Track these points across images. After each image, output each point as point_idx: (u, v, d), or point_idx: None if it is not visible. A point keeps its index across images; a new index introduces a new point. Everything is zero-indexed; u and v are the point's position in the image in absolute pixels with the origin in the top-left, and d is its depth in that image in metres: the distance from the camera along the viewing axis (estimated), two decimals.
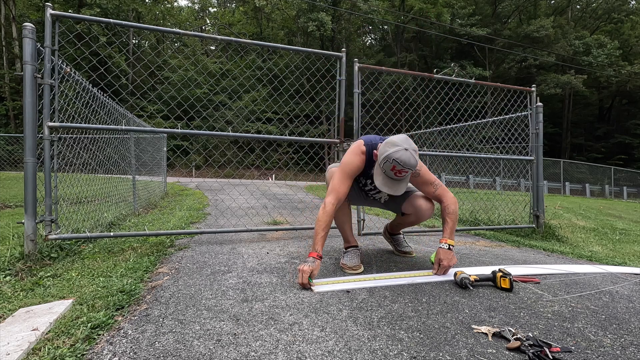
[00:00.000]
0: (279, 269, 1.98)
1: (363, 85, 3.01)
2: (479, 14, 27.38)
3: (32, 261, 2.03)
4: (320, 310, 1.41)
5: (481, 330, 1.25)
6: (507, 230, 3.67)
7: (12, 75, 19.23)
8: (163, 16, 28.63)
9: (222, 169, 12.93)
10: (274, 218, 3.99)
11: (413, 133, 7.05)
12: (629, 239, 4.35)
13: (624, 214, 8.28)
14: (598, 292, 1.74)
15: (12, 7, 20.18)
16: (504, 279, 1.70)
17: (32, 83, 2.06)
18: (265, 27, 30.94)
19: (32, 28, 2.06)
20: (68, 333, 1.18)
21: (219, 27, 31.25)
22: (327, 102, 17.63)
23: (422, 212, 2.05)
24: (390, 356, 1.07)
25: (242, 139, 3.82)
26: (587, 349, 1.15)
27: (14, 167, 11.71)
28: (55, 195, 2.25)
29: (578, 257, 2.67)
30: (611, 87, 28.56)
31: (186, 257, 2.23)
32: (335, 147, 2.98)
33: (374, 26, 31.60)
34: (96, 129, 2.66)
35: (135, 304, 1.45)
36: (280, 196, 7.20)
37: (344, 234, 2.11)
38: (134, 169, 4.75)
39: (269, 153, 17.05)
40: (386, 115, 3.80)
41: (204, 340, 1.15)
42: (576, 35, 26.49)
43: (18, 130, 18.50)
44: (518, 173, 4.16)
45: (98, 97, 3.20)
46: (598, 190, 19.37)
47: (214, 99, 7.81)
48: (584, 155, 27.65)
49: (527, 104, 3.69)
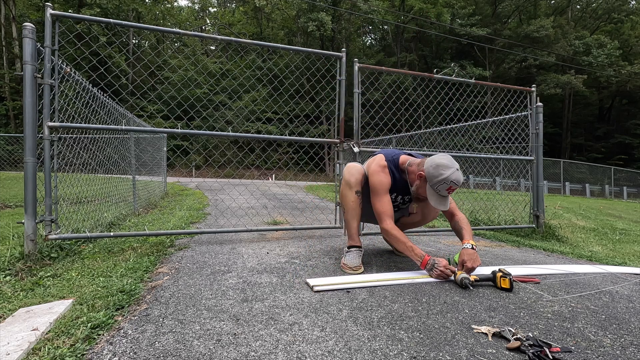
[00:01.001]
0: (279, 269, 1.98)
1: (363, 85, 3.01)
2: (479, 14, 27.38)
3: (32, 261, 2.03)
4: (320, 310, 1.41)
5: (481, 330, 1.25)
6: (507, 230, 3.67)
7: (12, 75, 19.23)
8: (163, 16, 28.64)
9: (222, 169, 12.93)
10: (274, 218, 3.99)
11: (413, 133, 7.05)
12: (629, 239, 4.36)
13: (624, 214, 8.28)
14: (598, 292, 1.74)
15: (12, 7, 20.18)
16: (504, 279, 1.70)
17: (32, 83, 2.06)
18: (265, 27, 30.95)
19: (32, 28, 2.06)
20: (68, 333, 1.18)
21: (219, 27, 31.25)
22: (327, 102, 17.65)
23: (429, 212, 2.20)
24: (390, 356, 1.07)
25: (242, 139, 3.83)
26: (587, 349, 1.15)
27: (14, 167, 11.71)
28: (55, 195, 2.25)
29: (578, 257, 2.67)
30: (611, 87, 28.56)
31: (186, 257, 2.23)
32: (335, 147, 2.98)
33: (374, 26, 31.60)
34: (96, 129, 2.66)
35: (135, 304, 1.45)
36: (280, 196, 7.20)
37: (349, 231, 2.11)
38: (134, 168, 4.75)
39: (269, 153, 17.04)
40: (386, 115, 3.81)
41: (204, 340, 1.15)
42: (576, 35, 26.50)
43: (18, 130, 18.50)
44: (518, 173, 4.16)
45: (98, 97, 3.20)
46: (598, 190, 19.37)
47: (214, 99, 7.81)
48: (584, 155, 27.65)
49: (527, 104, 3.69)
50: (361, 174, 2.08)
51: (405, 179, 2.06)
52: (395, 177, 2.04)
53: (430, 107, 4.59)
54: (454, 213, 2.10)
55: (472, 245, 1.90)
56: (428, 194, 1.89)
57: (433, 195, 1.87)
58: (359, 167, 2.11)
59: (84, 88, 2.86)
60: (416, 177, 1.94)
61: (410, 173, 2.00)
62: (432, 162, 1.84)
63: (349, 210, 2.07)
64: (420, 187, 1.93)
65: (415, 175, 1.94)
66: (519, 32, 26.53)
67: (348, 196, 2.05)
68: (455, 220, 2.07)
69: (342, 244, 2.71)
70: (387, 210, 1.98)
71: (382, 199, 1.99)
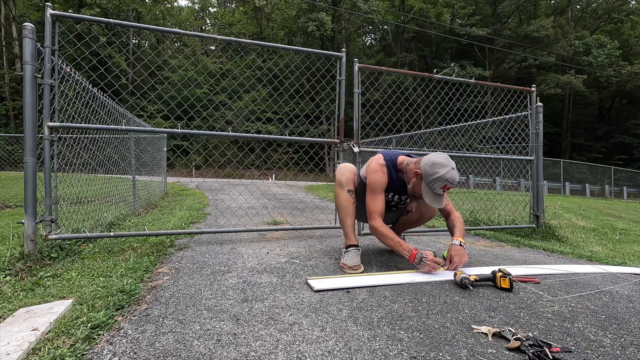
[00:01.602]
0: (279, 269, 1.98)
1: (363, 85, 3.01)
2: (479, 14, 27.38)
3: (32, 261, 2.03)
4: (320, 310, 1.41)
5: (481, 330, 1.25)
6: (507, 230, 3.67)
7: (12, 75, 19.23)
8: (163, 16, 28.63)
9: (222, 169, 12.93)
10: (274, 218, 3.99)
11: (413, 133, 7.05)
12: (629, 239, 4.35)
13: (624, 214, 8.28)
14: (598, 292, 1.74)
15: (12, 7, 20.18)
16: (504, 279, 1.70)
17: (32, 83, 2.06)
18: (265, 27, 30.95)
19: (32, 28, 2.06)
20: (68, 333, 1.18)
21: (219, 27, 31.25)
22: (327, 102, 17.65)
23: (426, 210, 2.22)
24: (390, 356, 1.07)
25: (242, 139, 3.83)
26: (587, 349, 1.15)
27: (14, 167, 11.70)
28: (55, 195, 2.25)
29: (578, 257, 2.67)
30: (611, 87, 28.56)
31: (186, 257, 2.23)
32: (335, 147, 2.98)
33: (374, 26, 31.60)
34: (96, 129, 2.66)
35: (135, 304, 1.45)
36: (280, 196, 7.20)
37: (345, 230, 2.11)
38: (134, 168, 4.75)
39: (269, 153, 17.04)
40: (386, 115, 3.80)
41: (204, 340, 1.15)
42: (576, 35, 26.49)
43: (18, 130, 18.50)
44: (518, 173, 4.16)
45: (98, 97, 3.20)
46: (598, 190, 19.37)
47: (214, 99, 7.80)
48: (584, 155, 27.65)
49: (527, 104, 3.69)
50: (353, 173, 2.12)
51: (403, 179, 2.08)
52: (393, 177, 2.06)
53: (430, 107, 4.59)
54: (450, 212, 2.15)
55: (460, 242, 1.98)
56: (423, 191, 1.90)
57: (428, 193, 1.89)
58: (350, 167, 2.14)
59: (84, 88, 2.86)
60: (412, 174, 1.96)
61: (407, 172, 2.02)
62: (428, 160, 1.86)
63: (341, 209, 2.09)
64: (416, 185, 1.95)
65: (412, 173, 1.96)
66: (519, 32, 26.52)
67: (340, 195, 2.08)
68: (451, 219, 2.14)
69: (342, 244, 2.70)
70: (378, 208, 2.01)
71: (376, 198, 2.02)
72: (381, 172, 2.03)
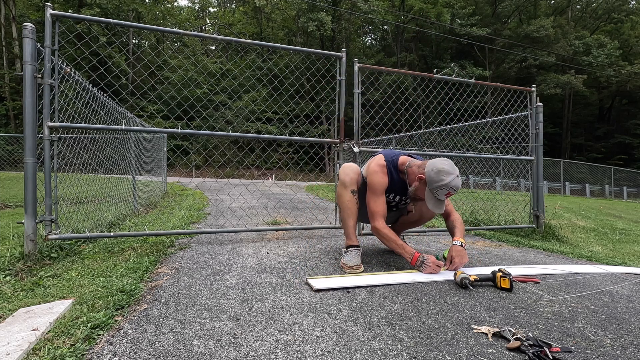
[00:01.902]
0: (279, 269, 1.98)
1: (363, 85, 3.01)
2: (479, 14, 27.37)
3: (32, 261, 2.03)
4: (320, 310, 1.41)
5: (481, 330, 1.25)
6: (507, 230, 3.67)
7: (12, 75, 19.22)
8: (163, 16, 28.63)
9: (222, 169, 12.93)
10: (274, 218, 3.99)
11: (413, 133, 7.05)
12: (629, 239, 4.35)
13: (624, 214, 8.28)
14: (598, 292, 1.74)
15: (12, 7, 20.18)
16: (504, 279, 1.70)
17: (32, 83, 2.06)
18: (265, 27, 30.94)
19: (32, 28, 2.06)
20: (68, 333, 1.18)
21: (219, 27, 31.24)
22: (327, 102, 17.65)
23: (427, 211, 2.20)
24: (390, 356, 1.07)
25: (242, 139, 3.83)
26: (587, 349, 1.15)
27: (14, 167, 11.70)
28: (55, 195, 2.25)
29: (578, 257, 2.67)
30: (611, 87, 28.56)
31: (186, 257, 2.23)
32: (335, 147, 2.98)
33: (374, 26, 31.60)
34: (96, 129, 2.66)
35: (135, 304, 1.45)
36: (280, 196, 7.20)
37: (346, 230, 2.11)
38: (134, 168, 4.75)
39: (269, 153, 17.04)
40: (386, 115, 3.80)
41: (204, 340, 1.15)
42: (576, 35, 26.49)
43: (18, 130, 18.50)
44: (518, 173, 4.16)
45: (98, 97, 3.20)
46: (598, 190, 19.37)
47: (214, 99, 7.80)
48: (584, 155, 27.65)
49: (527, 104, 3.69)
50: (357, 173, 2.10)
51: (403, 180, 2.07)
52: (393, 178, 2.06)
53: (430, 107, 4.59)
54: (450, 213, 2.15)
55: (461, 243, 1.98)
56: (426, 196, 1.91)
57: (431, 199, 1.90)
58: (354, 167, 2.13)
59: (84, 88, 2.86)
60: (416, 178, 1.95)
61: (410, 174, 2.01)
62: (434, 167, 1.86)
63: (344, 210, 2.09)
64: (418, 189, 1.96)
65: (415, 177, 1.96)
66: (519, 32, 26.52)
67: (343, 195, 2.08)
68: (451, 219, 2.14)
69: (342, 244, 2.71)
70: (380, 210, 2.01)
71: (377, 199, 2.02)
72: (381, 173, 2.03)
